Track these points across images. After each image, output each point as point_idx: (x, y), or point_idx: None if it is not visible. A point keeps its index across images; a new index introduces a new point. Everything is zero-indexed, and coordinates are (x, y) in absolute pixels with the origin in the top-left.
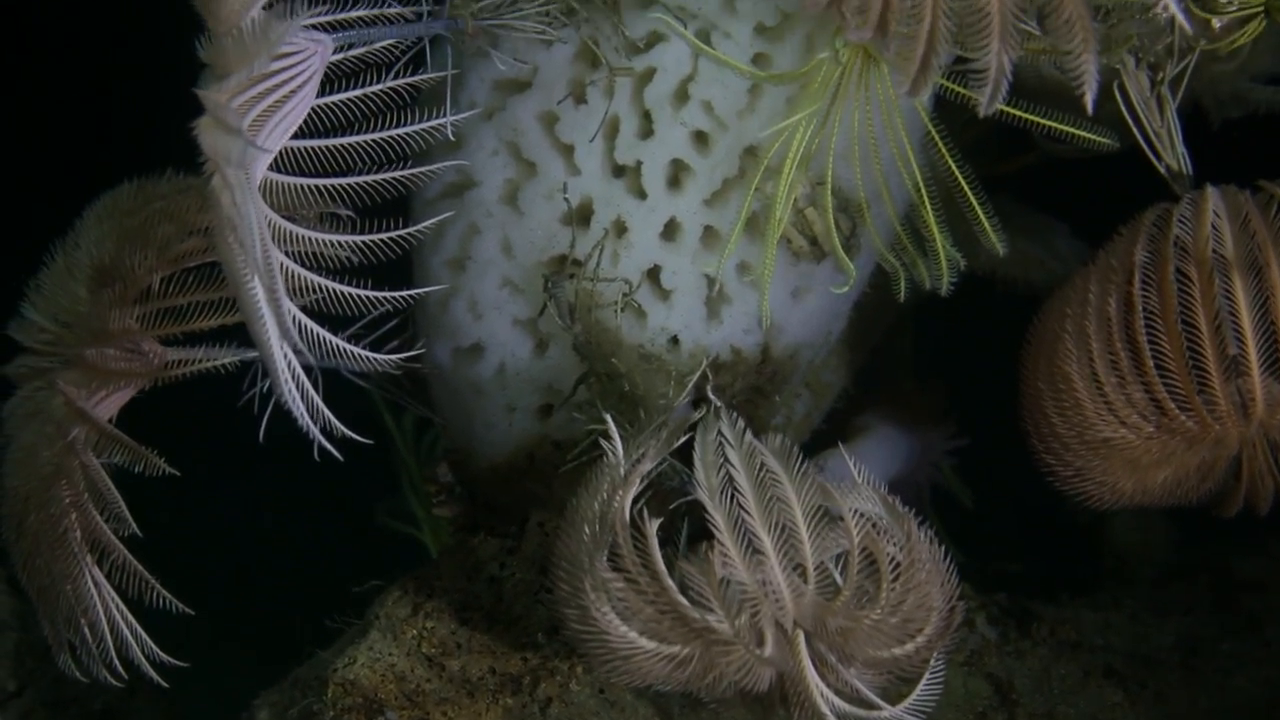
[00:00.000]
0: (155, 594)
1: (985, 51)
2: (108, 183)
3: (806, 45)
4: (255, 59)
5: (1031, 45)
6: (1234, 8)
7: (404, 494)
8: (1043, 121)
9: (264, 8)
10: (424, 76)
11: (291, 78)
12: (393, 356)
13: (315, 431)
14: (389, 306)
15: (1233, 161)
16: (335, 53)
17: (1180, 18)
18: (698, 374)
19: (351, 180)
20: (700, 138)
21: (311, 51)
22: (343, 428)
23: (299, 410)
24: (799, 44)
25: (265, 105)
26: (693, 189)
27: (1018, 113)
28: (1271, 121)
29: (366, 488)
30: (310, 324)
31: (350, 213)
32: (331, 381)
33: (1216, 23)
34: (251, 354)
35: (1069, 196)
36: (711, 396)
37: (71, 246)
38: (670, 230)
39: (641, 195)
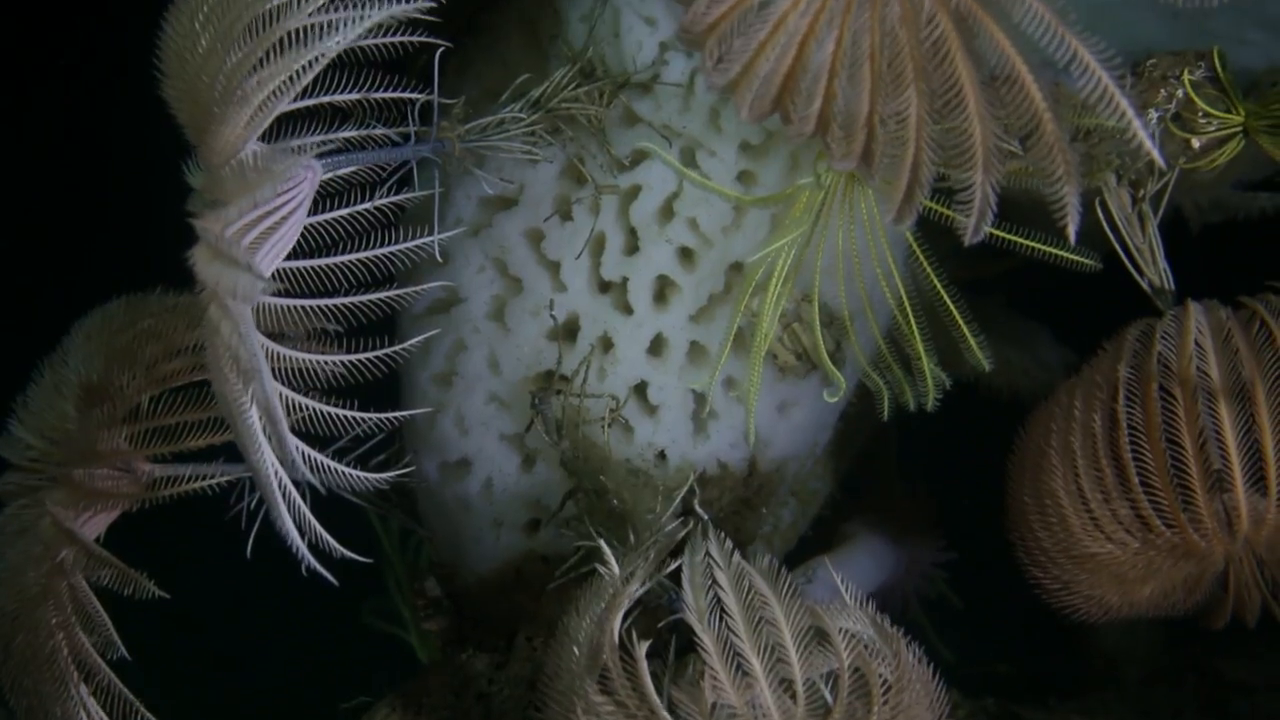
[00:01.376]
0: (142, 717)
1: (969, 181)
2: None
3: (791, 163)
4: (256, 190)
5: (1014, 164)
6: (1213, 128)
7: (390, 593)
8: (1025, 243)
9: (260, 137)
10: (411, 195)
11: (284, 204)
12: (381, 475)
13: (309, 557)
14: (378, 427)
15: (1213, 266)
16: (323, 173)
17: (1155, 155)
18: (685, 489)
19: (339, 301)
20: (686, 254)
21: (303, 178)
22: (341, 548)
23: (293, 537)
24: (783, 161)
25: (260, 231)
26: (679, 305)
27: (1001, 234)
28: (1251, 227)
29: (352, 585)
30: (303, 447)
31: (338, 327)
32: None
33: (1196, 143)
34: (240, 470)
35: (1052, 295)
36: (699, 510)
37: (59, 363)
38: (657, 346)
39: (628, 311)
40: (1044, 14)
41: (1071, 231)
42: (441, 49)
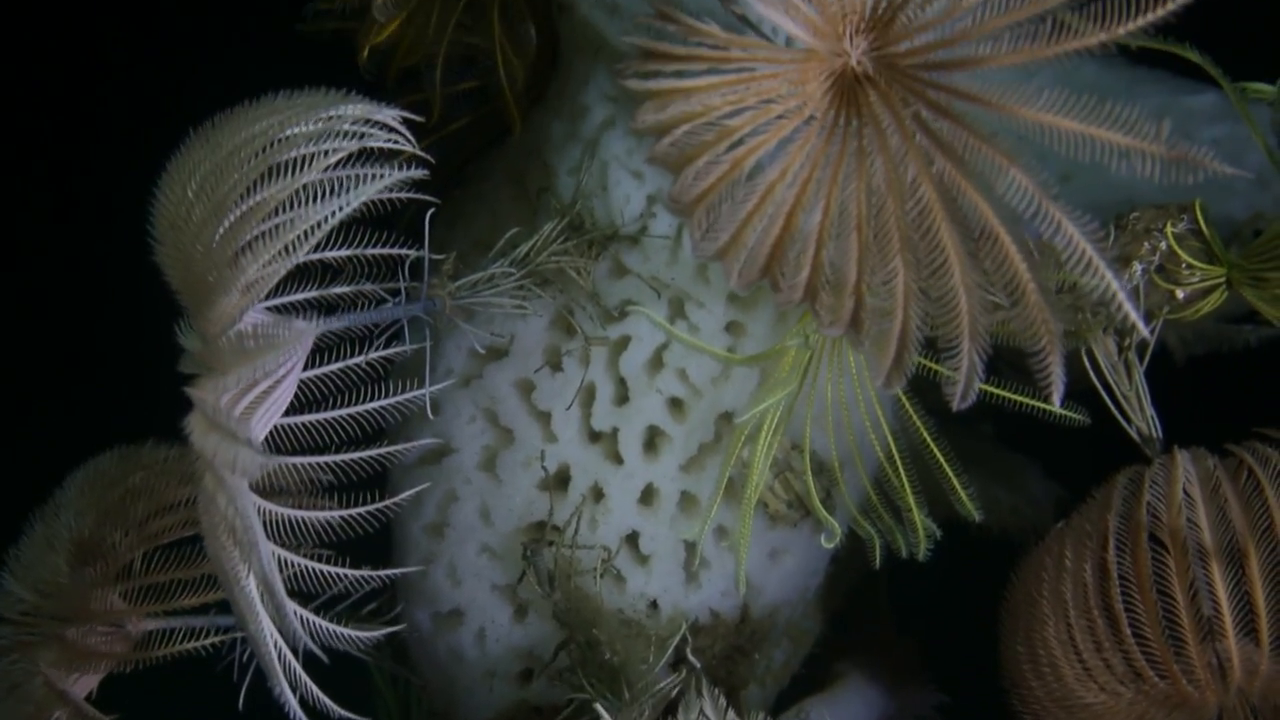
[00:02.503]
0: None
1: (956, 346)
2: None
3: (779, 314)
4: (255, 361)
5: (1001, 314)
6: (1196, 280)
7: None
8: (1013, 397)
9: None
10: (401, 348)
11: (278, 368)
12: (375, 633)
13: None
14: (371, 583)
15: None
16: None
17: (1141, 327)
18: (677, 638)
19: (332, 459)
20: (676, 404)
21: (300, 343)
22: (338, 709)
23: (291, 703)
24: (772, 312)
25: (255, 396)
26: (669, 455)
27: (988, 388)
28: (1236, 359)
29: None
30: (300, 610)
31: (330, 477)
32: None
33: (1180, 294)
34: (230, 625)
35: (1040, 425)
36: (691, 660)
37: (52, 516)
38: (647, 496)
39: (618, 461)
40: (1027, 185)
41: (1056, 399)
42: (431, 210)
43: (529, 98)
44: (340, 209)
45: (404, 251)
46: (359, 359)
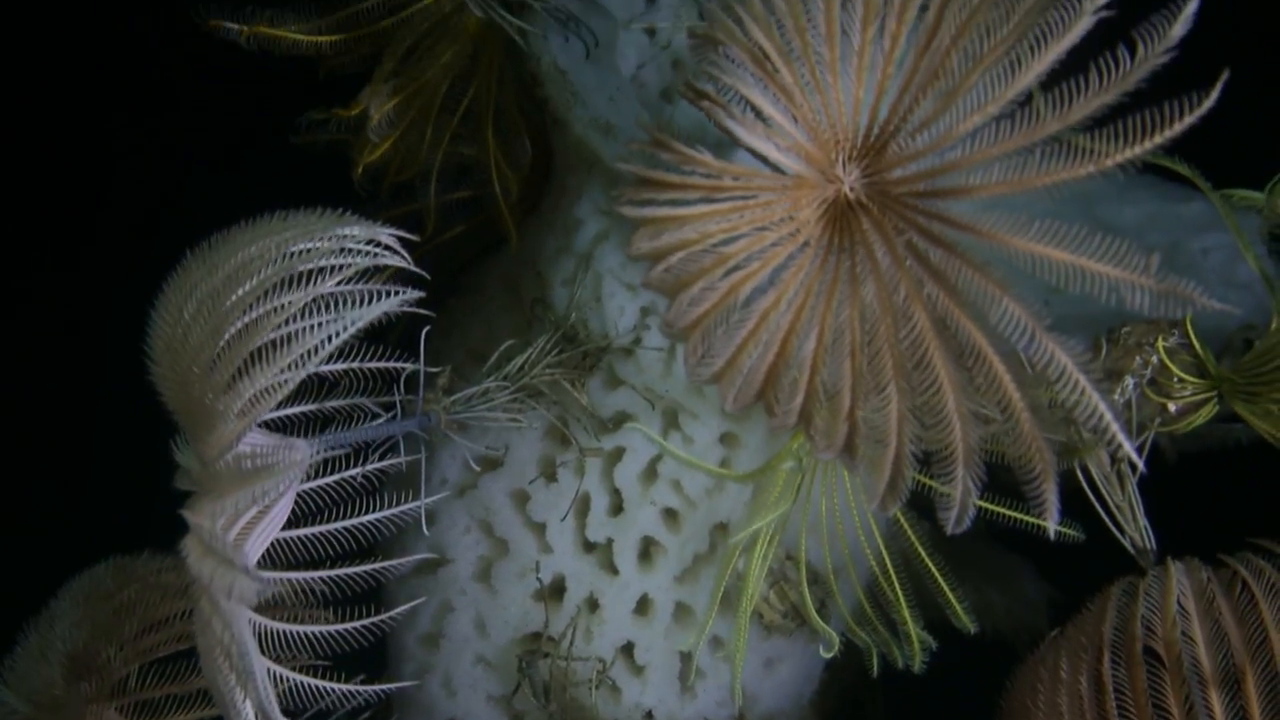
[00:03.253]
0: None
1: (951, 473)
2: None
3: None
4: (253, 485)
5: (993, 427)
6: (1188, 393)
7: None
8: (1007, 513)
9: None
10: (397, 460)
11: (276, 490)
12: None
13: None
14: (367, 696)
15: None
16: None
17: (1133, 456)
18: None
19: (327, 574)
20: (670, 515)
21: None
22: None
23: None
24: (765, 424)
25: (250, 516)
26: (664, 565)
27: (984, 504)
28: (1228, 456)
29: None
30: None
31: (325, 589)
32: None
33: (1172, 407)
34: None
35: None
36: None
37: (46, 627)
38: (642, 607)
39: (613, 572)
40: (1020, 315)
41: (1051, 523)
42: (426, 328)
43: (522, 207)
44: (339, 333)
45: (400, 365)
46: (354, 471)
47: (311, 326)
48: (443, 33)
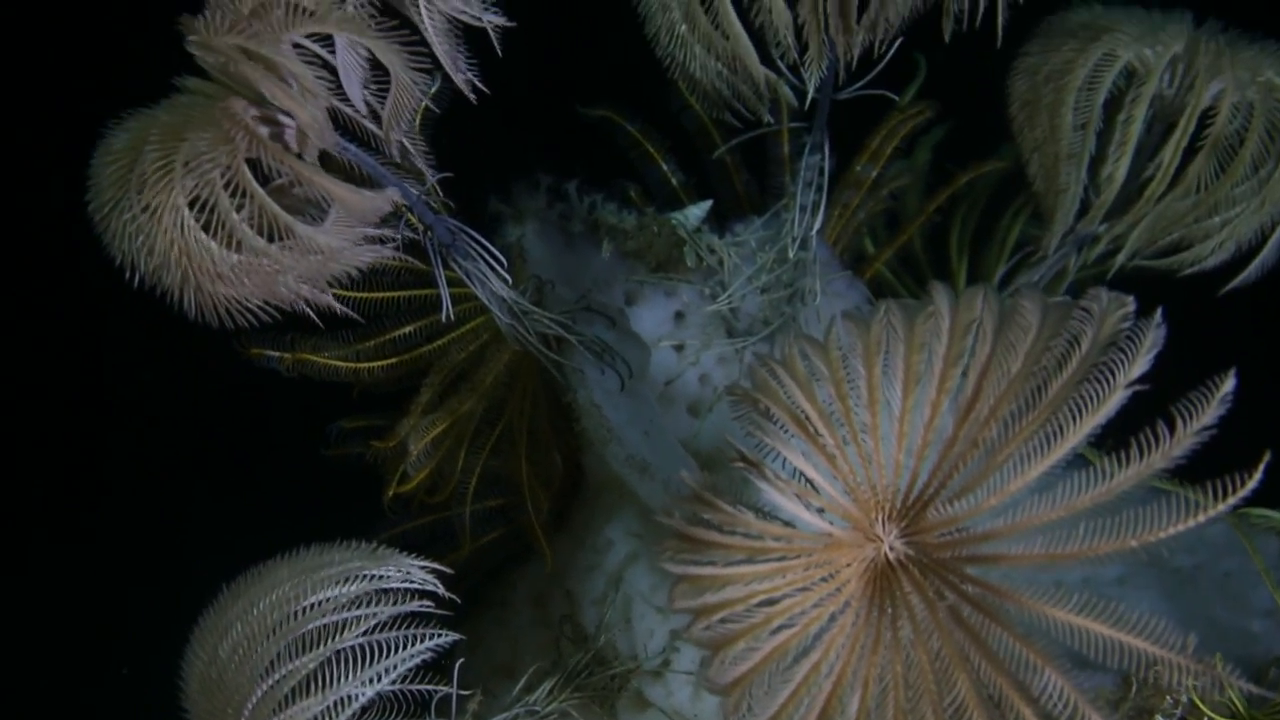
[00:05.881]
0: None
1: None
2: None
3: None
4: None
5: None
6: None
7: None
8: None
9: None
10: None
11: None
12: None
13: None
14: None
15: None
16: None
17: None
18: None
19: None
20: None
21: None
22: None
23: None
24: None
25: None
26: None
27: None
28: None
29: None
30: None
31: None
32: None
33: None
34: None
35: None
36: None
37: None
38: None
39: None
40: (1063, 687)
41: None
42: (461, 659)
43: (550, 518)
44: (378, 677)
45: (432, 688)
46: None
47: (348, 670)
48: (479, 361)
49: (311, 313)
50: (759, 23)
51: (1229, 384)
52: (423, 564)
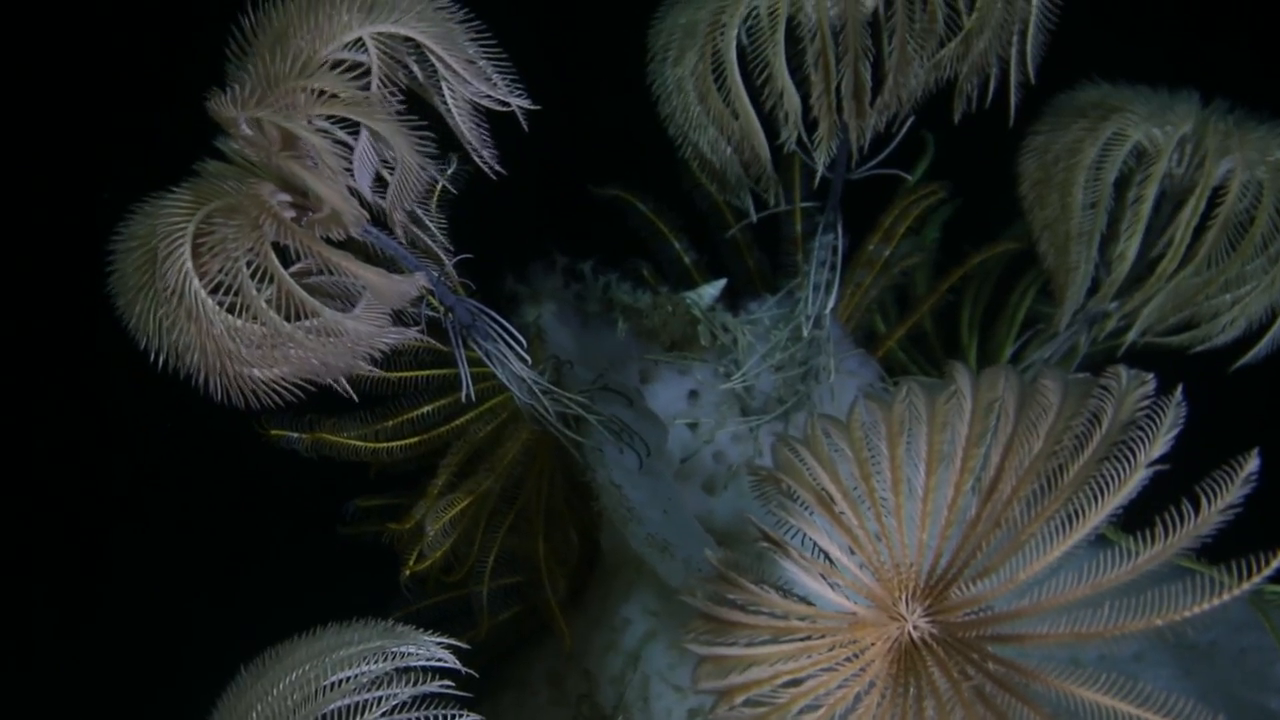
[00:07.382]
0: None
1: None
2: None
3: None
4: None
5: None
6: None
7: None
8: None
9: None
10: None
11: None
12: None
13: None
14: None
15: None
16: None
17: None
18: None
19: None
20: None
21: None
22: None
23: None
24: None
25: None
26: None
27: None
28: None
29: None
30: None
31: None
32: None
33: None
34: None
35: None
36: None
37: None
38: None
39: None
40: None
41: None
42: None
43: (568, 599)
44: None
45: None
46: None
47: None
48: (497, 440)
49: (347, 389)
50: (769, 105)
51: (1253, 463)
52: (444, 641)
